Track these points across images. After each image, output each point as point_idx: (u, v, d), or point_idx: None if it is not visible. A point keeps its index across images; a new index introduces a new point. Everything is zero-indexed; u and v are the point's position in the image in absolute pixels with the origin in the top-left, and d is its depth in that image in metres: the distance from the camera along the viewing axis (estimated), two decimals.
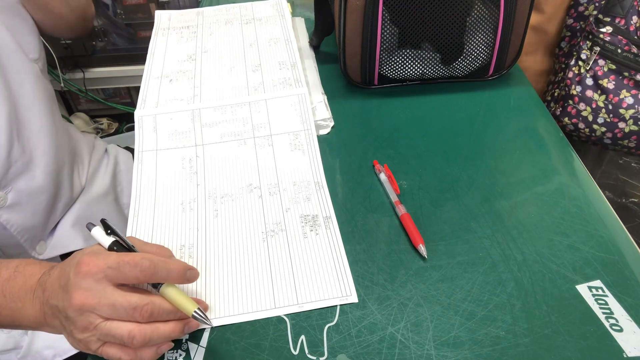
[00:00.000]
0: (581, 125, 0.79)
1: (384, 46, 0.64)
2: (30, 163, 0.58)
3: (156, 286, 0.38)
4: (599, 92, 0.75)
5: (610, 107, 0.74)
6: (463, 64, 0.66)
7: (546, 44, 0.86)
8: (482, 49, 0.65)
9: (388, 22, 0.62)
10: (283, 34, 0.75)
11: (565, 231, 0.50)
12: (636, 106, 0.72)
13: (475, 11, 0.62)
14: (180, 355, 0.41)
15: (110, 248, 0.39)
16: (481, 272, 0.46)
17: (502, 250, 0.48)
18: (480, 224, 0.51)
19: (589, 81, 0.76)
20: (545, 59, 0.88)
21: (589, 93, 0.76)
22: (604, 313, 0.43)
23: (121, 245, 0.39)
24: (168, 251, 0.43)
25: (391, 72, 0.67)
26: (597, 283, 0.45)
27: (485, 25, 0.63)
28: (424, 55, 0.66)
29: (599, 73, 0.74)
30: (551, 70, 0.89)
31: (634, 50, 0.70)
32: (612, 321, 0.42)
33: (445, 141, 0.61)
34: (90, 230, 0.39)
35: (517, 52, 0.67)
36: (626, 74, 0.72)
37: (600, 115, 0.76)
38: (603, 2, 0.73)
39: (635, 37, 0.70)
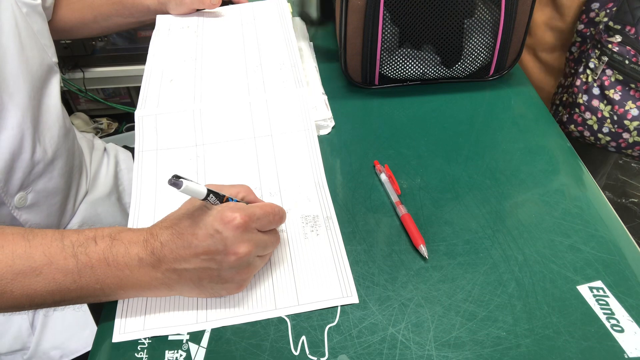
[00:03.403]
0: (586, 133, 0.79)
1: (385, 46, 0.64)
2: (50, 165, 0.59)
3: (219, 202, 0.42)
4: (605, 102, 0.75)
5: (615, 117, 0.74)
6: (464, 65, 0.66)
7: (563, 42, 0.85)
8: (483, 49, 0.65)
9: (389, 22, 0.62)
10: (283, 34, 0.75)
11: (566, 232, 0.50)
12: None
13: (477, 11, 0.62)
14: (181, 355, 0.41)
15: (206, 197, 0.40)
16: (482, 272, 0.46)
17: (503, 250, 0.48)
18: (481, 224, 0.51)
19: (596, 91, 0.75)
20: (562, 58, 0.88)
21: (595, 103, 0.76)
22: (605, 314, 0.43)
23: (214, 192, 0.41)
24: (247, 187, 0.46)
25: (392, 72, 0.67)
26: (598, 283, 0.45)
27: (486, 26, 0.63)
28: (424, 56, 0.66)
29: (606, 83, 0.74)
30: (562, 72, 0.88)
31: None
32: (613, 322, 0.42)
33: (446, 141, 0.61)
34: (179, 187, 0.37)
35: (517, 52, 0.67)
36: (632, 85, 0.71)
37: (605, 125, 0.76)
38: (615, 10, 0.73)
39: None
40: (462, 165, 0.58)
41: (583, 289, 0.45)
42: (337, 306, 0.44)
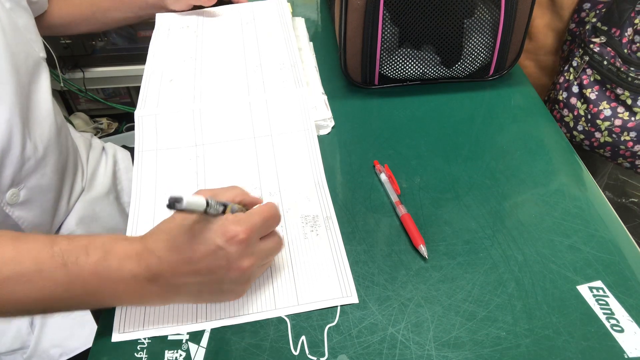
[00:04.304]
0: (563, 130, 0.80)
1: (385, 46, 0.64)
2: (41, 161, 0.58)
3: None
4: (582, 100, 0.76)
5: (589, 116, 0.75)
6: (463, 65, 0.66)
7: (562, 44, 0.86)
8: (483, 49, 0.65)
9: (389, 21, 0.62)
10: (283, 34, 0.75)
11: (565, 231, 0.50)
12: (612, 119, 0.73)
13: (476, 11, 0.62)
14: (181, 355, 0.41)
15: (206, 208, 0.37)
16: (482, 272, 0.46)
17: (503, 250, 0.48)
18: (481, 224, 0.51)
19: (575, 89, 0.76)
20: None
21: (573, 100, 0.77)
22: (604, 314, 0.43)
23: (216, 202, 0.38)
24: (241, 189, 0.44)
25: (392, 72, 0.67)
26: (598, 283, 0.45)
27: (486, 26, 0.63)
28: (424, 56, 0.66)
29: (585, 82, 0.75)
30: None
31: (618, 64, 0.70)
32: (613, 322, 0.42)
33: (446, 141, 0.61)
34: (181, 204, 0.34)
35: (517, 52, 0.67)
36: (608, 86, 0.72)
37: (580, 123, 0.77)
38: (604, 11, 0.73)
39: (625, 51, 0.70)
40: (462, 165, 0.57)
41: (583, 289, 0.45)
42: (336, 306, 0.44)
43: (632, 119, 0.71)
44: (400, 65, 0.66)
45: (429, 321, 0.43)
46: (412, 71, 0.66)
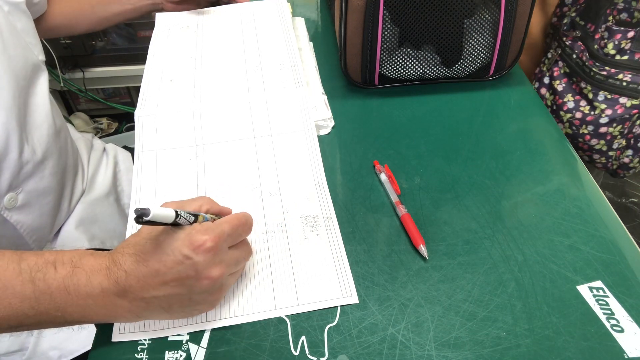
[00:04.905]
0: None
1: (385, 46, 0.64)
2: (40, 164, 0.58)
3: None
4: (550, 91, 0.77)
5: (554, 107, 0.77)
6: (464, 64, 0.66)
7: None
8: (483, 49, 0.65)
9: (389, 21, 0.62)
10: (283, 34, 0.75)
11: (565, 231, 0.50)
12: (574, 111, 0.74)
13: (476, 11, 0.62)
14: (181, 356, 0.41)
15: (175, 218, 0.37)
16: (482, 272, 0.46)
17: (503, 250, 0.48)
18: (481, 224, 0.51)
19: (546, 80, 0.78)
20: None
21: (542, 91, 0.78)
22: (604, 314, 0.43)
23: (184, 212, 0.38)
24: (208, 198, 0.44)
25: (392, 72, 0.67)
26: (598, 284, 0.45)
27: (486, 26, 0.63)
28: (424, 56, 0.66)
29: (555, 74, 0.77)
30: None
31: (584, 58, 0.71)
32: (613, 322, 0.42)
33: (446, 141, 0.61)
34: (145, 217, 0.34)
35: (517, 52, 0.67)
36: (575, 79, 0.74)
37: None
38: (583, 6, 0.74)
39: (595, 46, 0.71)
40: (462, 165, 0.58)
41: (583, 289, 0.45)
42: (336, 306, 0.44)
43: (592, 113, 0.72)
44: (400, 65, 0.66)
45: (429, 321, 0.43)
46: (412, 71, 0.66)
